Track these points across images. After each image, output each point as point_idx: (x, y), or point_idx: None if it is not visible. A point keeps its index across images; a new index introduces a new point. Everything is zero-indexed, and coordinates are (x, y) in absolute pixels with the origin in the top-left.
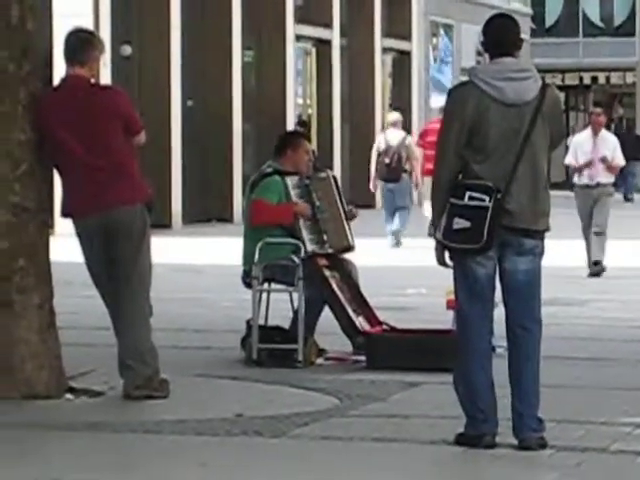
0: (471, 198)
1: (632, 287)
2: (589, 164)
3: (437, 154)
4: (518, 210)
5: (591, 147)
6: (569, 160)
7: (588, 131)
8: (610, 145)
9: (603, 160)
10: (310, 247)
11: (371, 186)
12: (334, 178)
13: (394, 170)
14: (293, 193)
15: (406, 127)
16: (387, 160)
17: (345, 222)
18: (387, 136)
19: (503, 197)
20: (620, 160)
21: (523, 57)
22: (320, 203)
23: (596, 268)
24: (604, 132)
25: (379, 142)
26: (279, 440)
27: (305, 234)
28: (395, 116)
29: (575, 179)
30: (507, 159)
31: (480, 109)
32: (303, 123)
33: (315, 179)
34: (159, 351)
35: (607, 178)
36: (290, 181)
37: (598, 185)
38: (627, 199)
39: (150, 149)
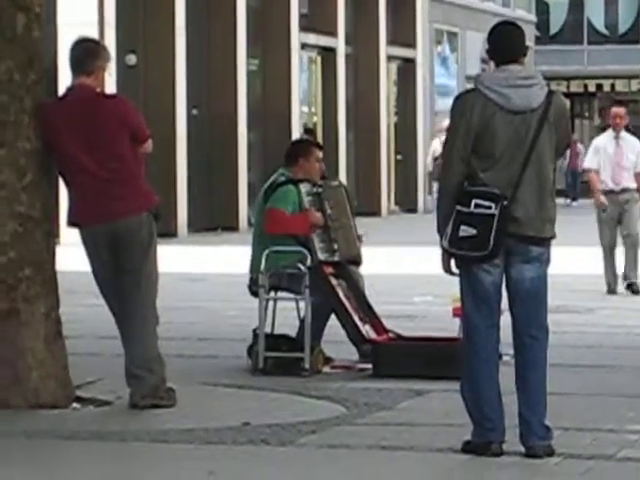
0: (477, 206)
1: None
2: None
3: (443, 161)
4: (525, 217)
5: (614, 149)
6: (589, 164)
7: (609, 133)
8: (635, 148)
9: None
10: (320, 256)
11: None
12: (345, 187)
13: None
14: (306, 200)
15: (413, 134)
16: None
17: (355, 232)
18: (442, 141)
19: (509, 204)
20: None
21: (527, 64)
22: (331, 211)
23: (630, 289)
24: (624, 133)
25: (435, 147)
26: (286, 448)
27: (316, 243)
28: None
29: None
30: (513, 166)
31: (486, 116)
32: (309, 130)
33: (327, 187)
34: (165, 360)
35: (633, 182)
36: (303, 188)
37: (624, 190)
38: None
39: (155, 158)
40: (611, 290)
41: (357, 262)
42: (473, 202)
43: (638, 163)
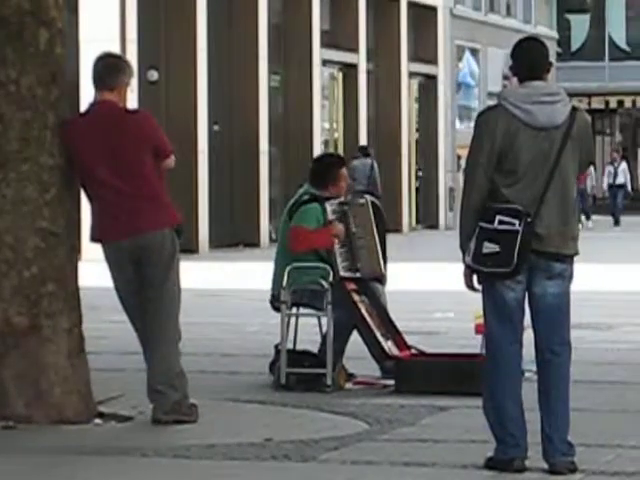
0: (501, 222)
1: None
2: None
3: (466, 178)
4: (548, 234)
5: None
6: None
7: None
8: None
9: None
10: (343, 273)
11: None
12: (373, 204)
13: None
14: (331, 218)
15: (434, 150)
16: None
17: (379, 250)
18: None
19: (533, 221)
20: None
21: (550, 81)
22: (356, 229)
23: None
24: None
25: None
26: (308, 464)
27: (339, 261)
28: None
29: None
30: (537, 183)
31: (510, 133)
32: (363, 148)
33: (353, 205)
34: (188, 376)
35: None
36: (329, 206)
37: None
38: None
39: (177, 173)
40: None
41: (381, 281)
42: (497, 218)
43: None
